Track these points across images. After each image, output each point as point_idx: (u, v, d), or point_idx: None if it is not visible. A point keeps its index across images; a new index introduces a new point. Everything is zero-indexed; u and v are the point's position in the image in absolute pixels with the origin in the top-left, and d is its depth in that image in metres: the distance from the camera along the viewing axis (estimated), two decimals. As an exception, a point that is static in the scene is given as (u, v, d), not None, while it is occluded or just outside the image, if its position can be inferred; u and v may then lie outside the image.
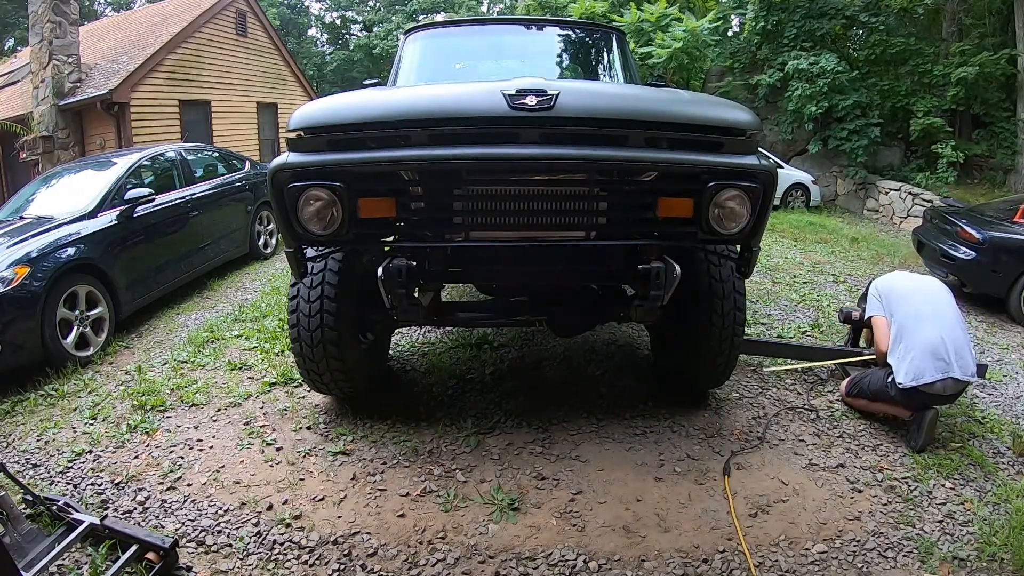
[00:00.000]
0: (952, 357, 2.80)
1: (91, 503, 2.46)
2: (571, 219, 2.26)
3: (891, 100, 10.96)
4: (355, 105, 2.20)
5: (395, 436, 2.89)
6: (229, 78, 12.57)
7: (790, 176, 11.09)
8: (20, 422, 3.18)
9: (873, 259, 7.23)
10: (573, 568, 2.12)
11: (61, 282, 3.84)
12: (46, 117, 9.87)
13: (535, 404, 3.17)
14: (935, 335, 2.85)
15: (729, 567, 2.12)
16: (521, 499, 2.44)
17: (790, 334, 4.28)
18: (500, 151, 2.00)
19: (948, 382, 2.80)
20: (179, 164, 5.76)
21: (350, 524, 2.32)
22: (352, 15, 32.40)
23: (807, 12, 11.43)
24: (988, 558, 2.18)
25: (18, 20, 21.74)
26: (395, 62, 3.77)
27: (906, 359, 2.88)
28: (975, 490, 2.58)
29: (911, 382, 2.82)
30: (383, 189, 2.19)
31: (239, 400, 3.29)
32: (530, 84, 2.03)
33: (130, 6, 25.82)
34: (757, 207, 2.12)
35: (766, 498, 2.47)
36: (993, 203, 6.82)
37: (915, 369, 2.83)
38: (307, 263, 2.39)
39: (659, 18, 10.78)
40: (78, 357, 3.87)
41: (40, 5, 9.54)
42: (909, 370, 2.85)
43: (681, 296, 2.52)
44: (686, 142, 2.08)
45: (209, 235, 5.76)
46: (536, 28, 4.07)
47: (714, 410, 3.15)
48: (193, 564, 2.13)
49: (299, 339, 2.76)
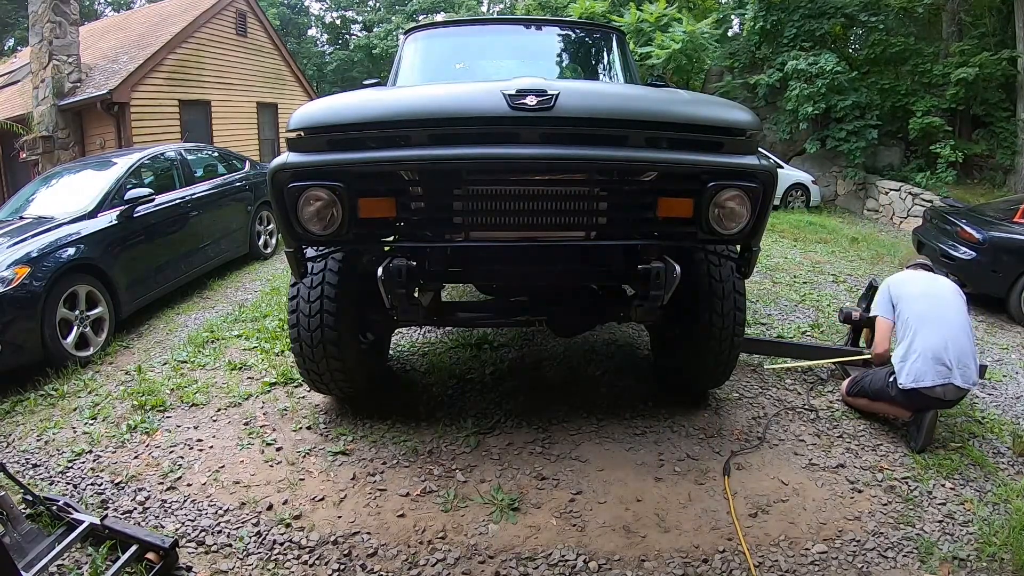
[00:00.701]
0: (954, 364, 2.80)
1: (91, 503, 2.46)
2: (571, 219, 2.25)
3: (891, 100, 10.96)
4: (355, 105, 2.20)
5: (395, 436, 2.89)
6: (229, 78, 12.57)
7: (790, 176, 11.09)
8: (20, 422, 3.18)
9: (873, 259, 7.23)
10: (573, 568, 2.12)
11: (61, 282, 3.83)
12: (46, 117, 9.87)
13: (535, 404, 3.17)
14: (940, 340, 2.84)
15: (729, 567, 2.12)
16: (521, 499, 2.44)
17: (790, 334, 4.28)
18: (500, 151, 2.00)
19: (949, 388, 2.80)
20: (179, 164, 5.76)
21: (350, 524, 2.32)
22: (352, 15, 32.40)
23: (807, 12, 11.44)
24: (988, 558, 2.18)
25: (18, 20, 21.73)
26: (395, 62, 3.77)
27: (908, 360, 2.89)
28: (975, 490, 2.58)
29: (911, 383, 2.83)
30: (383, 189, 2.19)
31: (239, 400, 3.29)
32: (530, 84, 2.03)
33: (130, 6, 25.81)
34: (757, 207, 2.12)
35: (766, 498, 2.47)
36: (993, 203, 6.83)
37: (916, 371, 2.83)
38: (307, 263, 2.39)
39: (658, 18, 10.78)
40: (78, 357, 3.87)
41: (40, 5, 9.54)
42: (911, 372, 2.85)
43: (681, 296, 2.52)
44: (686, 142, 2.08)
45: (209, 235, 5.76)
46: (536, 28, 4.06)
47: (714, 410, 3.15)
48: (193, 564, 2.13)
49: (299, 339, 2.76)
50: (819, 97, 10.64)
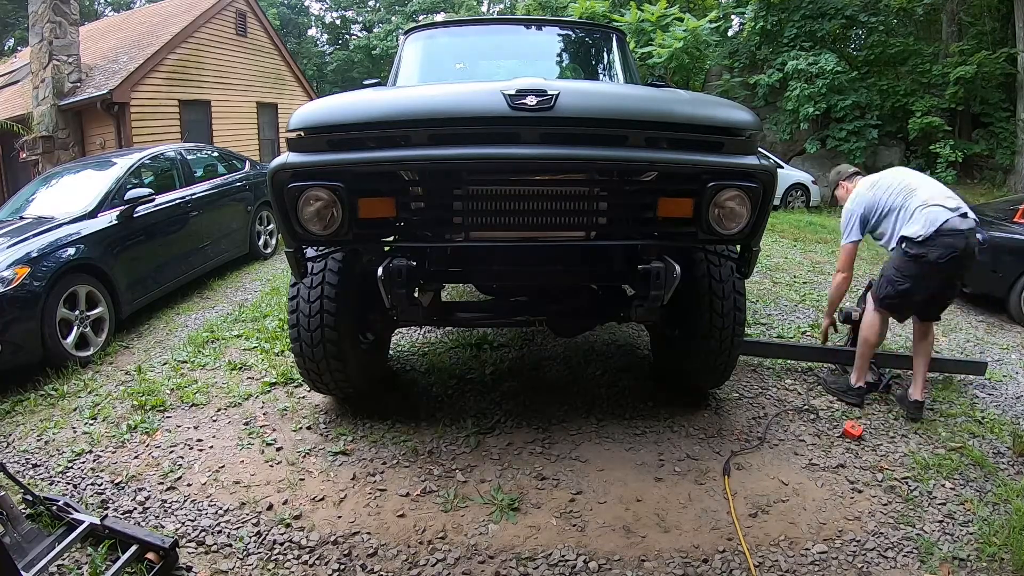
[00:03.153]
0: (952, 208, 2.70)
1: (91, 503, 2.46)
2: (571, 219, 2.25)
3: (890, 100, 10.97)
4: (355, 105, 2.20)
5: (395, 436, 2.89)
6: (229, 78, 12.58)
7: (790, 176, 11.10)
8: (20, 422, 3.18)
9: (873, 259, 7.22)
10: (573, 568, 2.12)
11: (61, 282, 3.84)
12: (46, 117, 9.87)
13: (535, 404, 3.17)
14: (937, 189, 2.76)
15: (729, 567, 2.12)
16: (521, 499, 2.44)
17: (790, 334, 4.28)
18: (500, 151, 2.00)
19: (969, 220, 2.66)
20: (179, 164, 5.76)
21: (350, 524, 2.32)
22: (352, 15, 32.43)
23: (807, 12, 11.45)
24: (988, 558, 2.18)
25: (18, 20, 21.75)
26: (395, 62, 3.77)
27: (916, 215, 2.73)
28: (975, 490, 2.57)
29: (930, 228, 2.67)
30: (383, 189, 2.18)
31: (239, 400, 3.29)
32: (530, 84, 2.03)
33: (130, 6, 25.82)
34: (757, 207, 2.12)
35: (766, 498, 2.47)
36: (993, 203, 6.83)
37: (930, 217, 2.67)
38: (307, 263, 2.38)
39: (659, 18, 10.79)
40: (78, 357, 3.87)
41: (40, 5, 9.55)
42: (924, 221, 2.68)
43: (681, 296, 2.52)
44: (686, 142, 2.08)
45: (209, 235, 5.76)
46: (536, 28, 4.06)
47: (714, 410, 3.15)
48: (193, 564, 2.13)
49: (299, 339, 2.76)
50: (819, 97, 10.65)
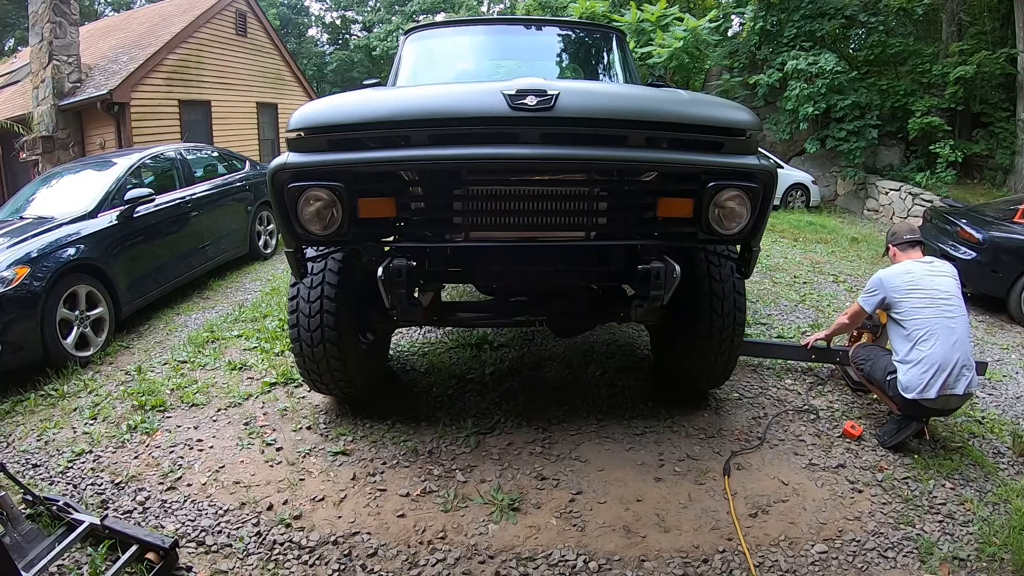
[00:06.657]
0: (958, 373, 2.70)
1: (91, 503, 2.46)
2: (571, 219, 2.25)
3: (890, 100, 10.96)
4: (355, 105, 2.20)
5: (395, 436, 2.89)
6: (229, 78, 12.57)
7: (790, 176, 11.09)
8: (20, 422, 3.18)
9: (873, 259, 7.23)
10: (573, 568, 2.12)
11: (61, 282, 3.83)
12: (46, 117, 9.87)
13: (535, 404, 3.17)
14: (946, 351, 2.71)
15: (729, 567, 2.12)
16: (521, 499, 2.44)
17: (790, 334, 4.28)
18: (500, 151, 2.00)
19: (952, 398, 2.72)
20: (179, 164, 5.76)
21: (350, 524, 2.32)
22: (352, 15, 32.41)
23: (806, 12, 11.44)
24: (988, 558, 2.18)
25: (18, 20, 21.74)
26: (395, 62, 3.77)
27: (912, 366, 2.76)
28: (975, 490, 2.58)
29: (914, 395, 2.72)
30: (383, 189, 2.19)
31: (239, 400, 3.29)
32: (530, 84, 2.03)
33: (130, 6, 25.80)
34: (757, 207, 2.12)
35: (766, 498, 2.47)
36: (993, 203, 6.83)
37: (920, 383, 2.71)
38: (307, 263, 2.39)
39: (659, 18, 10.80)
40: (78, 357, 3.87)
41: (40, 5, 9.54)
42: (913, 381, 2.73)
43: (681, 296, 2.52)
44: (686, 142, 2.08)
45: (209, 235, 5.76)
46: (536, 28, 4.06)
47: (714, 410, 3.15)
48: (193, 564, 2.13)
49: (299, 339, 2.76)
50: (819, 97, 10.64)
